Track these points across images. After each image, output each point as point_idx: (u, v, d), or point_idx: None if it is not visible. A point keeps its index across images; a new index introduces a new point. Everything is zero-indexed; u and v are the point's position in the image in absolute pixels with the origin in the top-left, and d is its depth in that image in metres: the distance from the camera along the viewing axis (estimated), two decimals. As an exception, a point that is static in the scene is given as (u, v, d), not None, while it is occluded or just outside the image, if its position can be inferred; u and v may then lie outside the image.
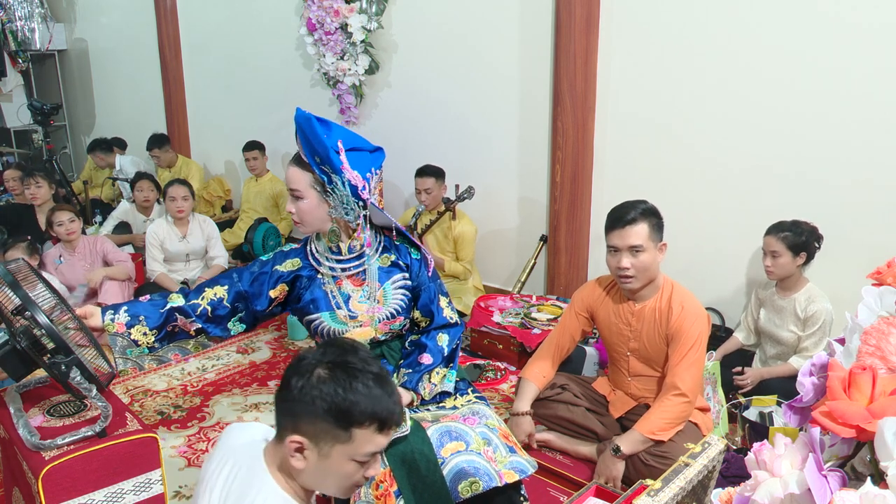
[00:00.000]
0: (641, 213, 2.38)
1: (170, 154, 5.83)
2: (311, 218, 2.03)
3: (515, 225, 4.25)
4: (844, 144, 3.02)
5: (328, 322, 2.09)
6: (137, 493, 1.90)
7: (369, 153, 2.01)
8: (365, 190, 1.96)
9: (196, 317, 2.02)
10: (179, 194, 4.23)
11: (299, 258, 2.12)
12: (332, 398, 1.23)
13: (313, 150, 1.94)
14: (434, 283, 2.16)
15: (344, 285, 2.09)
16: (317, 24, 4.63)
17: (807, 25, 3.03)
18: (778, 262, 2.90)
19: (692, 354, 2.38)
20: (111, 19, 6.93)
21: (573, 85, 3.65)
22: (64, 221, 3.95)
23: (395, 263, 2.13)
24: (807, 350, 2.92)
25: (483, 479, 1.86)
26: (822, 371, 1.08)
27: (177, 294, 2.05)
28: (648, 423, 2.38)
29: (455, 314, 2.20)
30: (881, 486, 0.90)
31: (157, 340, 2.00)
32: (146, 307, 2.00)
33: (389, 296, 2.11)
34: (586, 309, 2.66)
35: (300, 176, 1.99)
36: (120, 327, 1.95)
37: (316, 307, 2.09)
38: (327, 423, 1.24)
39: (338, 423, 1.24)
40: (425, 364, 2.09)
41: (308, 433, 1.25)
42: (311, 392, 1.24)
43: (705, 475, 1.58)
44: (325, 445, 1.25)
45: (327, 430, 1.24)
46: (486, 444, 1.95)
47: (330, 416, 1.24)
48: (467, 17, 4.16)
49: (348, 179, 1.94)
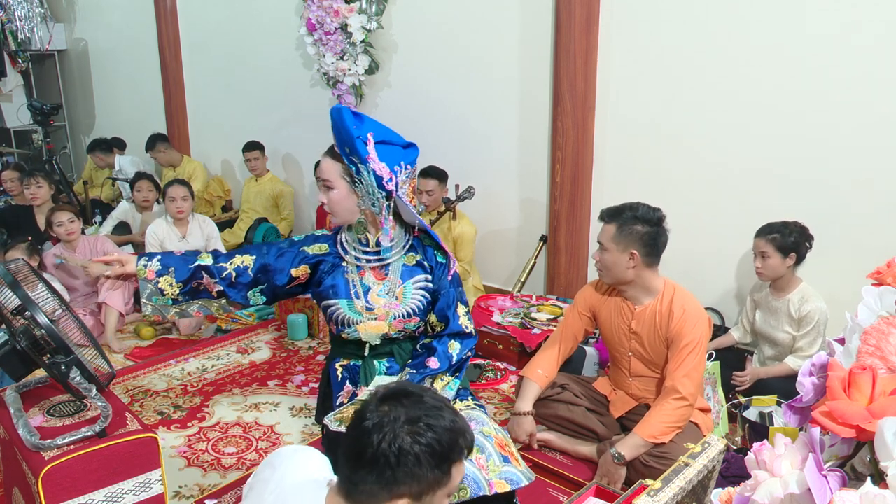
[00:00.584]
0: (612, 215, 2.45)
1: (170, 154, 5.81)
2: (340, 208, 2.08)
3: (515, 225, 4.25)
4: (844, 145, 3.02)
5: (345, 310, 2.12)
6: (137, 493, 1.90)
7: (402, 148, 2.06)
8: (391, 182, 2.00)
9: (220, 279, 2.10)
10: (179, 194, 4.23)
11: (328, 244, 2.19)
12: (433, 447, 1.18)
13: (342, 140, 2.00)
14: (454, 288, 2.18)
15: (366, 277, 2.13)
16: (317, 24, 4.63)
17: (807, 26, 3.02)
18: (767, 263, 2.91)
19: (692, 358, 2.38)
20: (111, 19, 6.92)
21: (573, 85, 3.65)
22: (64, 222, 3.94)
23: (419, 264, 2.15)
24: (802, 350, 2.92)
25: (471, 487, 1.84)
26: (822, 371, 1.08)
27: (207, 254, 2.15)
28: (649, 427, 2.37)
29: (471, 325, 2.20)
30: (881, 486, 0.90)
31: (182, 294, 2.10)
32: (177, 260, 2.10)
33: (409, 294, 2.13)
34: (589, 309, 2.66)
35: (331, 166, 2.07)
36: (150, 274, 2.07)
37: (335, 293, 2.13)
38: (431, 474, 1.19)
39: (440, 469, 1.20)
40: (431, 368, 2.09)
41: (412, 493, 1.19)
42: (409, 452, 1.16)
43: (705, 475, 1.58)
44: (427, 496, 1.21)
45: (431, 481, 1.19)
46: (478, 451, 1.93)
47: (433, 465, 1.18)
48: (467, 17, 4.16)
49: (374, 170, 1.98)
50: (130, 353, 3.80)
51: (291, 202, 5.41)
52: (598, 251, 2.50)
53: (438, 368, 2.09)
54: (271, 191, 5.36)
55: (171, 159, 5.82)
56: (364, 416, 1.21)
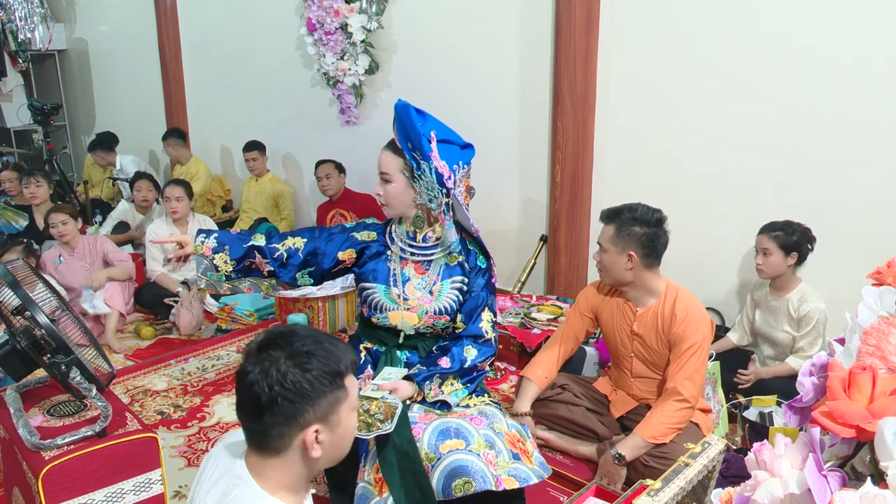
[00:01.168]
0: (611, 216, 2.46)
1: (178, 150, 5.74)
2: (396, 202, 2.13)
3: (515, 225, 4.25)
4: (843, 145, 3.02)
5: (381, 296, 2.17)
6: (137, 493, 1.90)
7: (460, 148, 2.11)
8: (450, 180, 2.03)
9: (271, 259, 2.18)
10: (174, 195, 4.23)
11: (377, 233, 2.24)
12: (321, 369, 1.22)
13: (407, 136, 2.03)
14: (486, 293, 2.20)
15: (407, 268, 2.17)
16: (317, 24, 4.63)
17: (807, 27, 3.02)
18: (769, 260, 2.92)
19: (694, 361, 2.37)
20: (111, 19, 6.92)
21: (573, 85, 3.65)
22: (57, 223, 3.93)
23: (460, 265, 2.18)
24: (802, 350, 2.92)
25: (477, 481, 1.84)
26: (822, 371, 1.08)
27: (260, 234, 2.23)
28: (649, 428, 2.37)
29: (493, 333, 2.20)
30: (881, 486, 0.90)
31: (234, 271, 2.19)
32: (232, 239, 2.18)
33: (444, 292, 2.16)
34: (591, 309, 2.65)
35: (391, 160, 2.10)
36: (206, 250, 2.16)
37: (375, 278, 2.18)
38: (330, 392, 1.23)
39: (335, 385, 1.24)
40: (441, 367, 2.10)
41: (318, 416, 1.23)
42: (301, 381, 1.21)
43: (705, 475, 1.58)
44: (332, 415, 1.25)
45: (332, 399, 1.24)
46: (488, 446, 1.94)
47: (327, 383, 1.23)
48: (467, 17, 4.16)
49: (435, 167, 2.01)
50: (130, 353, 3.80)
51: (291, 202, 5.41)
52: (598, 252, 2.50)
53: (449, 368, 2.09)
54: (271, 191, 5.36)
55: (178, 155, 5.77)
56: (247, 371, 1.24)
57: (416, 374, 2.08)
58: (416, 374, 2.08)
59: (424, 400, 2.09)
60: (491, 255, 2.24)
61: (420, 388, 2.07)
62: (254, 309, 4.15)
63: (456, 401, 2.10)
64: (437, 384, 2.09)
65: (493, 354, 2.20)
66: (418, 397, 2.08)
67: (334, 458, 1.32)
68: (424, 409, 2.07)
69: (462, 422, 1.99)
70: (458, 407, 2.11)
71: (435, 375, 2.08)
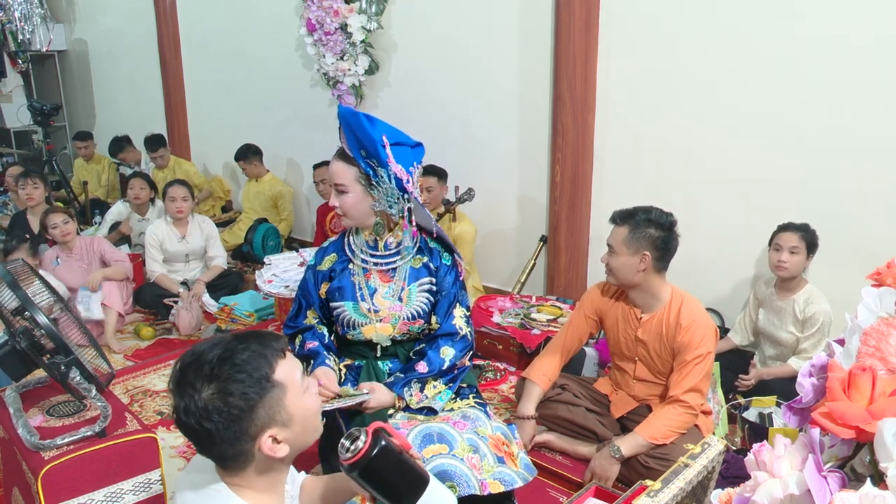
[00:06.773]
0: (624, 217, 2.42)
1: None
2: (355, 211, 2.07)
3: (515, 225, 4.25)
4: (844, 145, 3.01)
5: (350, 312, 2.13)
6: (137, 493, 1.90)
7: (411, 148, 2.06)
8: (409, 183, 2.00)
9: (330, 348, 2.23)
10: (179, 195, 4.23)
11: (336, 252, 2.20)
12: (243, 381, 1.19)
13: (360, 144, 1.97)
14: (455, 289, 2.17)
15: (372, 279, 2.13)
16: (316, 25, 4.63)
17: (807, 29, 3.02)
18: (794, 259, 2.89)
19: (699, 370, 2.36)
20: (111, 20, 6.93)
21: (573, 85, 3.65)
22: (58, 223, 3.92)
23: (425, 266, 2.15)
24: (806, 351, 2.91)
25: (461, 486, 1.82)
26: (822, 372, 1.08)
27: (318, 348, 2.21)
28: (651, 429, 2.37)
29: (468, 328, 2.17)
30: (881, 486, 0.90)
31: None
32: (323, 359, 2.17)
33: (414, 297, 2.13)
34: (595, 312, 2.64)
35: (345, 170, 2.03)
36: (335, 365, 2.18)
37: (341, 295, 2.14)
38: (265, 396, 1.21)
39: (265, 387, 1.21)
40: (419, 371, 2.07)
41: (267, 422, 1.21)
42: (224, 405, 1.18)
43: (705, 476, 1.58)
44: (279, 414, 1.22)
45: (270, 400, 1.21)
46: (472, 451, 1.92)
47: (258, 390, 1.20)
48: (467, 17, 4.16)
49: (394, 173, 1.97)
50: (130, 353, 3.80)
51: (291, 203, 5.41)
52: (607, 254, 2.46)
53: (427, 372, 2.07)
54: (271, 191, 5.36)
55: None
56: (175, 410, 1.22)
57: (393, 382, 2.06)
58: (393, 381, 2.06)
59: (409, 407, 2.06)
60: (455, 249, 2.20)
61: (400, 395, 2.04)
62: (253, 309, 4.15)
63: (441, 405, 2.08)
64: (417, 389, 2.05)
65: (471, 347, 2.18)
66: (401, 405, 2.05)
67: (304, 443, 1.30)
68: (408, 416, 2.05)
69: (445, 426, 1.96)
70: (442, 411, 2.09)
71: (413, 381, 2.05)
